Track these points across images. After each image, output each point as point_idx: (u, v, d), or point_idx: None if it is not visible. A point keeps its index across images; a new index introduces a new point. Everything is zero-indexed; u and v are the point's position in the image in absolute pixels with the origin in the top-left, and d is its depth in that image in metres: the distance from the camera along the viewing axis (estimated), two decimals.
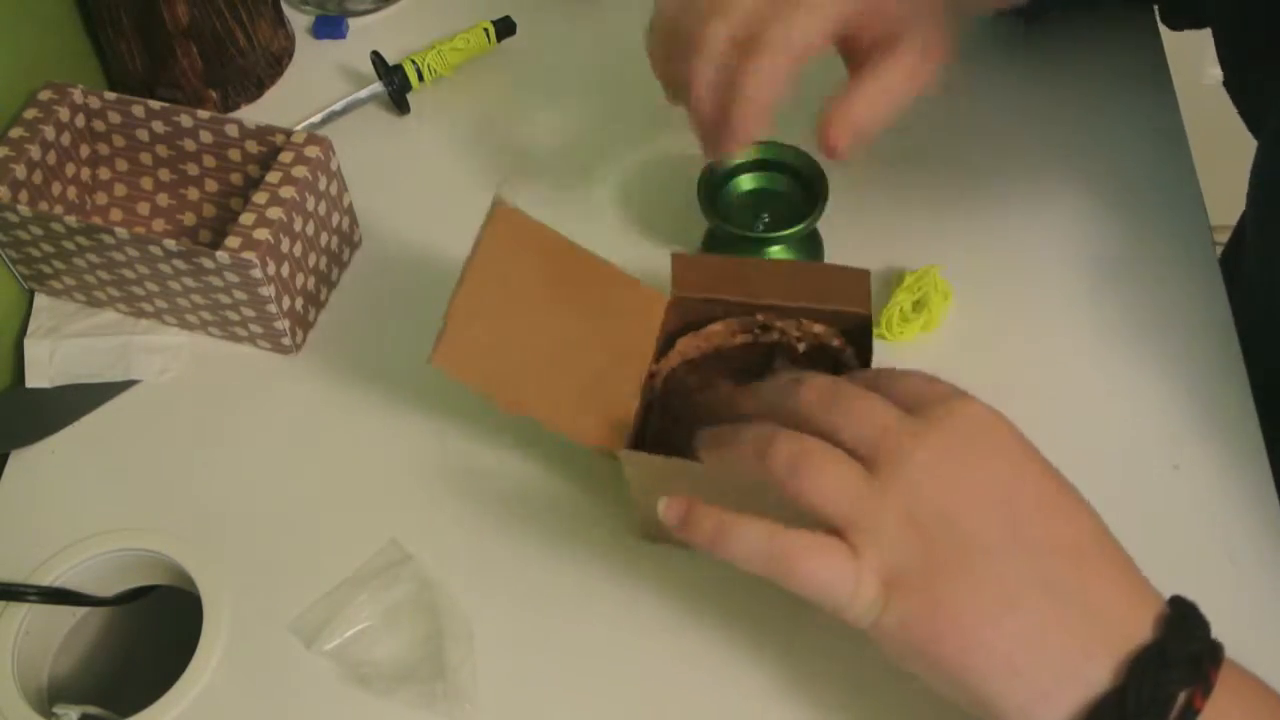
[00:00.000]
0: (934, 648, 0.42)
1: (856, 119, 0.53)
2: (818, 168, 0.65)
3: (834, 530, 0.44)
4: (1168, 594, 0.45)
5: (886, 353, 0.66)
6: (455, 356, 0.57)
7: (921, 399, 0.46)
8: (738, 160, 0.67)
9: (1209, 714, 0.40)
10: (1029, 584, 0.42)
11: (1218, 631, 0.54)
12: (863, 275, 0.58)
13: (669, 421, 0.61)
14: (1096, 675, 0.41)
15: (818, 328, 0.60)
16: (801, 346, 0.60)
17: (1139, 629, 0.41)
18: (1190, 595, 0.56)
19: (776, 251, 0.66)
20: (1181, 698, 0.40)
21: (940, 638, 0.42)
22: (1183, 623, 0.42)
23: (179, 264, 0.64)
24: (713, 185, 0.66)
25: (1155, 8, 0.74)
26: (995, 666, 0.41)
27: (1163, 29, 0.79)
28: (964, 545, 0.42)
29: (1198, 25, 0.71)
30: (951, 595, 0.42)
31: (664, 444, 0.59)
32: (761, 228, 0.66)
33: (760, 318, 0.61)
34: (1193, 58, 1.64)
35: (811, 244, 0.68)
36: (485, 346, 0.58)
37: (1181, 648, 0.41)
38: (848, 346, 0.60)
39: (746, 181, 0.68)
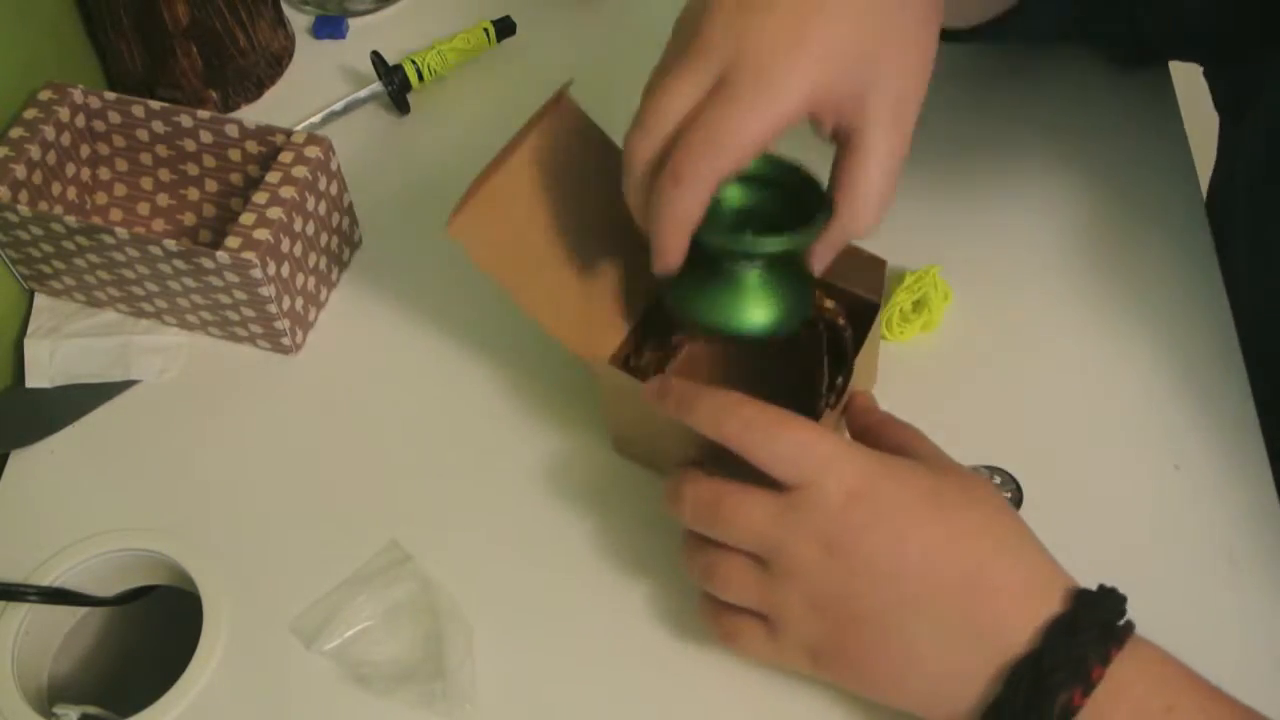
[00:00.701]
0: (865, 694, 0.51)
1: (845, 233, 0.51)
2: (817, 188, 0.52)
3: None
4: (1164, 594, 0.48)
5: (887, 353, 0.66)
6: (473, 231, 0.55)
7: (797, 472, 0.48)
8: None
9: (1089, 709, 0.44)
10: (923, 635, 0.47)
11: (1219, 630, 0.54)
12: (880, 263, 0.58)
13: (661, 355, 0.61)
14: (989, 688, 0.46)
15: (828, 302, 0.59)
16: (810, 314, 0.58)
17: (1024, 637, 0.46)
18: (1190, 595, 0.56)
19: (752, 282, 0.53)
20: (1061, 698, 0.44)
21: (867, 690, 0.50)
22: (1070, 623, 0.46)
23: (179, 264, 0.64)
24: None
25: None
26: (913, 703, 0.49)
27: None
28: (860, 619, 0.48)
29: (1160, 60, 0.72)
30: (862, 663, 0.49)
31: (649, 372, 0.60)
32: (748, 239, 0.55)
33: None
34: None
35: (793, 278, 0.54)
36: (505, 231, 0.56)
37: (1062, 650, 0.45)
38: (849, 329, 0.59)
39: (734, 197, 0.54)
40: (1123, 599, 0.48)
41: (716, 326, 0.53)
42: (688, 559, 0.53)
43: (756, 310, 0.53)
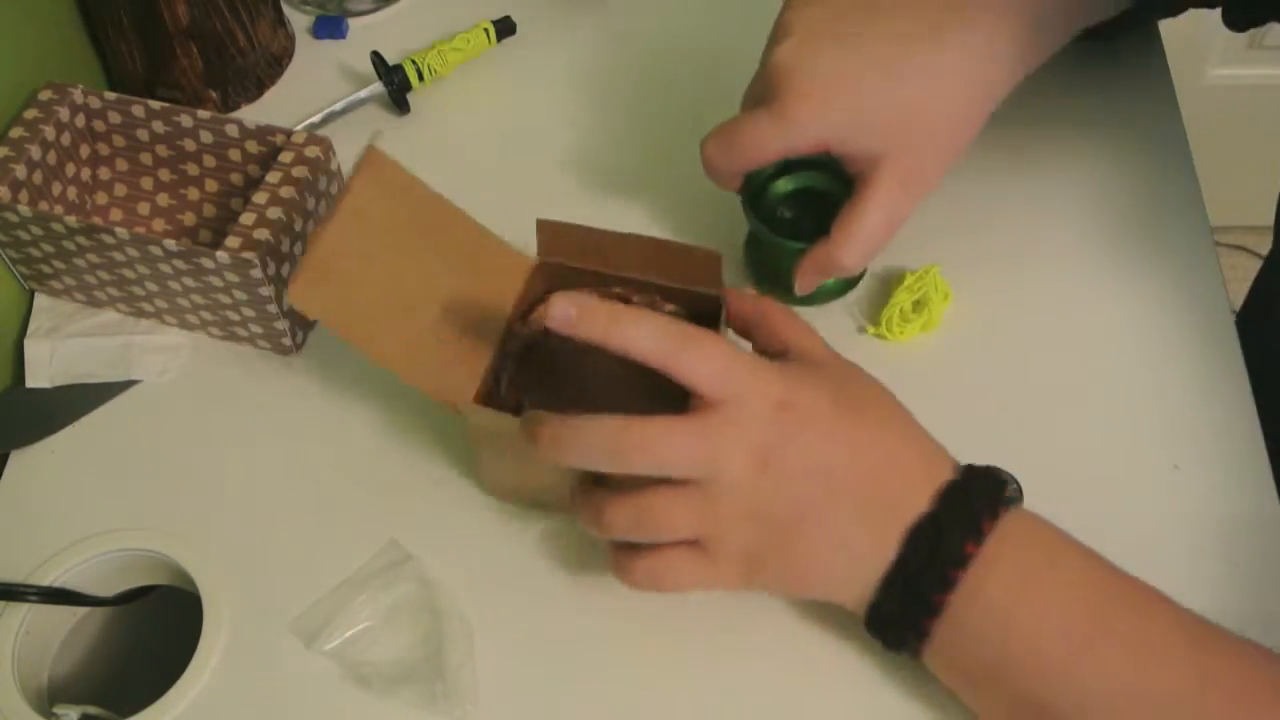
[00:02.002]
0: (794, 592, 0.56)
1: (828, 267, 0.62)
2: None
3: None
4: (1165, 587, 0.50)
5: (887, 353, 0.66)
6: (311, 296, 0.55)
7: (723, 388, 0.51)
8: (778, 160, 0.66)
9: (981, 558, 0.49)
10: (848, 520, 0.51)
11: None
12: (715, 257, 0.58)
13: (524, 382, 0.61)
14: (898, 550, 0.51)
15: (670, 306, 0.61)
16: None
17: (925, 502, 0.51)
18: (1191, 595, 0.56)
19: None
20: (955, 547, 0.50)
21: (796, 584, 0.54)
22: (963, 487, 0.51)
23: (179, 264, 0.64)
24: (755, 185, 0.65)
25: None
26: (836, 585, 0.53)
27: (1163, 28, 0.79)
28: (796, 518, 0.51)
29: (1260, 23, 0.70)
30: (796, 559, 0.52)
31: (512, 405, 0.60)
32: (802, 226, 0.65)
33: (618, 290, 0.61)
34: (1193, 58, 1.65)
35: None
36: (342, 290, 0.56)
37: (959, 507, 0.51)
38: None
39: (789, 181, 0.67)
40: (1009, 477, 0.53)
41: (787, 287, 0.64)
42: (606, 515, 0.52)
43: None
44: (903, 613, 0.51)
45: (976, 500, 0.51)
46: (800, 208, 0.67)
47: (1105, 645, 0.48)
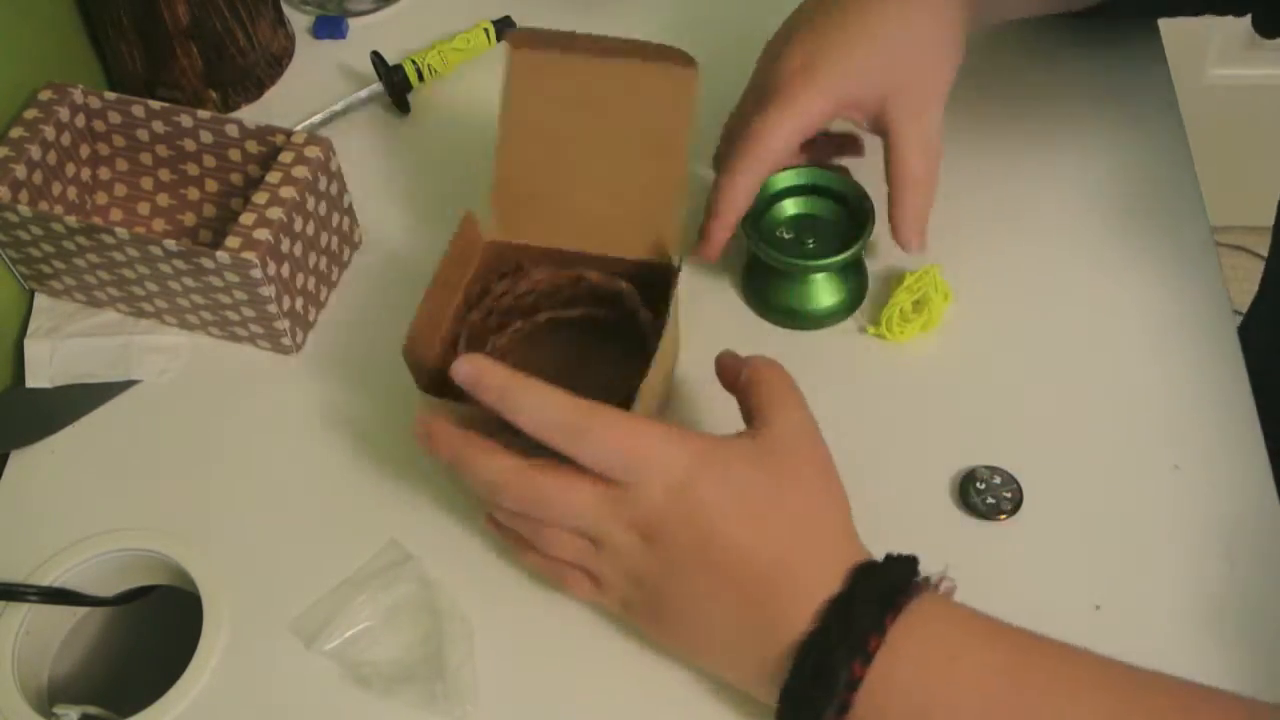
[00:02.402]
0: (676, 656, 0.56)
1: (916, 218, 0.64)
2: (862, 193, 0.66)
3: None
4: (1164, 594, 0.49)
5: (888, 353, 0.66)
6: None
7: (623, 473, 0.51)
8: (782, 184, 0.67)
9: (873, 675, 0.47)
10: (723, 620, 0.51)
11: (1219, 630, 0.54)
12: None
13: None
14: (780, 669, 0.49)
15: (625, 285, 0.62)
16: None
17: (806, 621, 0.49)
18: (1191, 595, 0.56)
19: (820, 279, 0.66)
20: (842, 673, 0.47)
21: (677, 653, 0.56)
22: (847, 601, 0.49)
23: (179, 264, 0.64)
24: (755, 210, 0.65)
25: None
26: (718, 672, 0.54)
27: (1163, 28, 0.79)
28: (671, 597, 0.52)
29: None
30: (673, 633, 0.54)
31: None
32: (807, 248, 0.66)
33: (577, 271, 0.63)
34: (1193, 58, 1.65)
35: (856, 271, 0.68)
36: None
37: (839, 628, 0.48)
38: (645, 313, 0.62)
39: (790, 206, 0.67)
40: (908, 562, 0.50)
41: (788, 312, 0.67)
42: (512, 521, 0.55)
43: (822, 299, 0.67)
44: None
45: (864, 614, 0.48)
46: (799, 233, 0.67)
47: None
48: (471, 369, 0.52)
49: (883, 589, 0.49)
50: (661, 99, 0.59)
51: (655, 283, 0.61)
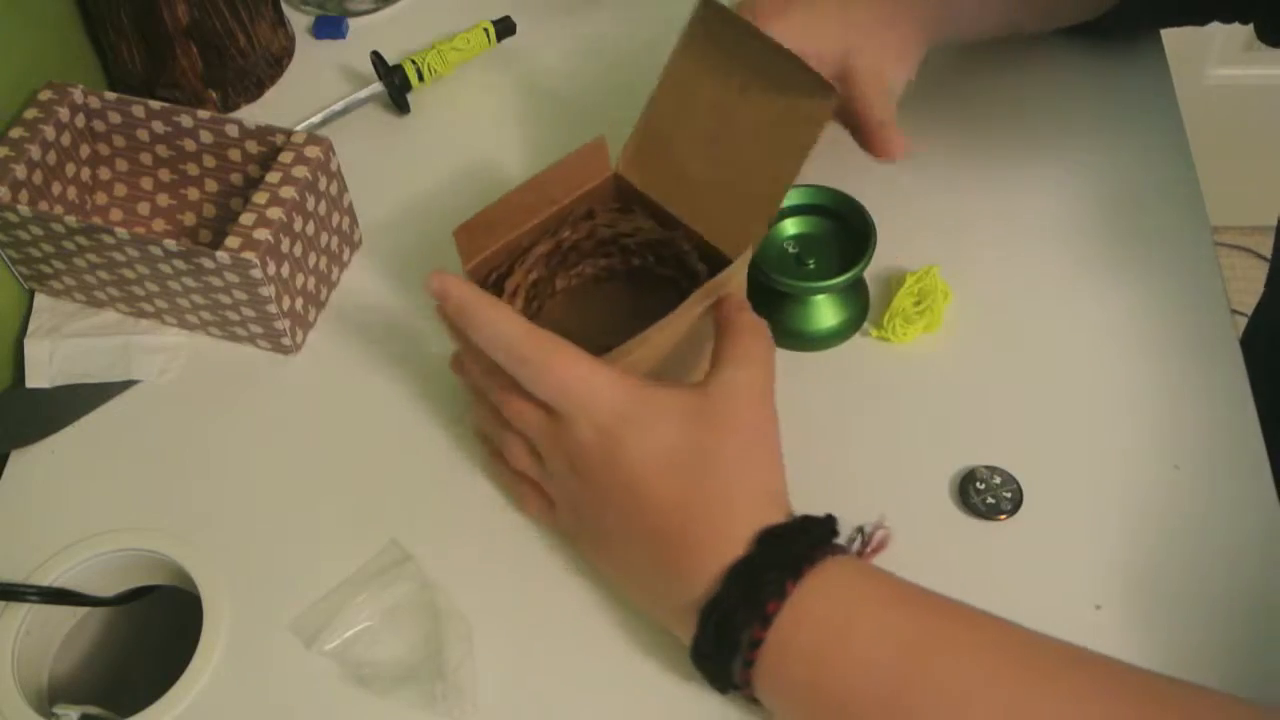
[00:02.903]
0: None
1: (892, 135, 0.63)
2: (863, 212, 0.65)
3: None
4: (1164, 594, 0.49)
5: (890, 354, 0.66)
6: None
7: (559, 406, 0.54)
8: (782, 205, 0.66)
9: (773, 638, 0.48)
10: (638, 561, 0.54)
11: (1219, 629, 0.54)
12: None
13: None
14: (687, 627, 0.51)
15: (700, 265, 0.62)
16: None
17: (708, 585, 0.50)
18: (1190, 596, 0.56)
19: (821, 300, 0.66)
20: (744, 635, 0.49)
21: (609, 580, 0.58)
22: (747, 567, 0.50)
23: (179, 264, 0.64)
24: None
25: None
26: (642, 608, 0.56)
27: (1163, 29, 0.79)
28: (597, 527, 0.55)
29: None
30: (604, 560, 0.57)
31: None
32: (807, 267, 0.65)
33: (669, 234, 0.63)
34: (1193, 58, 1.65)
35: (857, 290, 0.68)
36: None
37: (738, 592, 0.49)
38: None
39: (790, 226, 0.67)
40: (822, 524, 0.52)
41: (790, 334, 0.65)
42: (484, 420, 0.60)
43: (824, 319, 0.66)
44: (715, 679, 0.51)
45: (765, 580, 0.49)
46: (800, 253, 0.66)
47: (914, 703, 0.47)
48: (439, 283, 0.55)
49: (788, 553, 0.50)
50: (800, 114, 0.58)
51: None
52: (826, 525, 0.52)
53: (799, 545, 0.50)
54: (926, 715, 0.46)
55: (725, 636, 0.49)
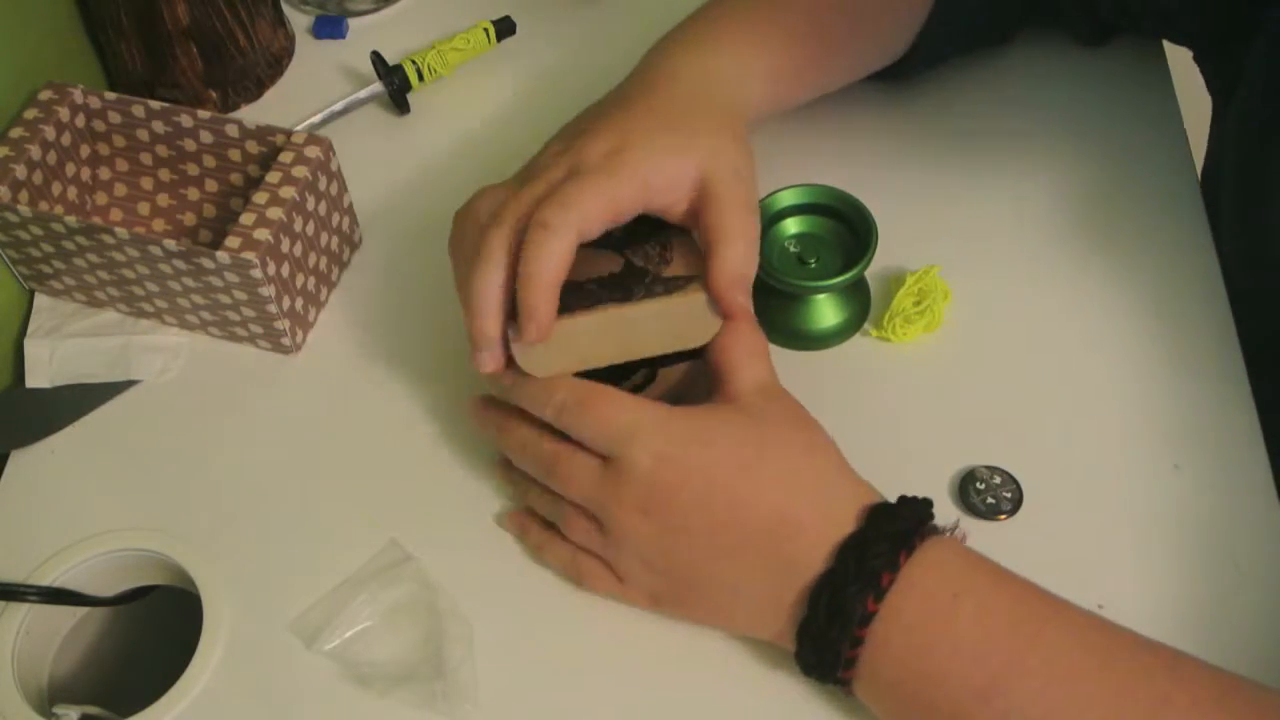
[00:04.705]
0: (705, 625, 0.57)
1: (740, 274, 0.56)
2: (864, 211, 0.65)
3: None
4: (1164, 594, 0.49)
5: (890, 354, 0.66)
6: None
7: (608, 446, 0.53)
8: (783, 204, 0.66)
9: (885, 610, 0.49)
10: (740, 576, 0.53)
11: (1220, 629, 0.54)
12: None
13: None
14: (799, 610, 0.52)
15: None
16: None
17: (821, 562, 0.51)
18: (1191, 596, 0.56)
19: (822, 300, 0.66)
20: (857, 607, 0.49)
21: (705, 623, 0.57)
22: (859, 541, 0.51)
23: (179, 264, 0.64)
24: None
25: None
26: (745, 628, 0.56)
27: None
28: (686, 569, 0.54)
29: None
30: (696, 605, 0.56)
31: None
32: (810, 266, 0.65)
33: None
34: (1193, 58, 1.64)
35: (858, 290, 0.68)
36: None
37: (854, 565, 0.50)
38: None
39: (791, 225, 0.67)
40: (923, 505, 0.52)
41: (791, 334, 0.66)
42: (539, 504, 0.58)
43: (826, 319, 0.66)
44: (819, 663, 0.52)
45: (878, 553, 0.50)
46: (801, 252, 0.66)
47: (1017, 682, 0.48)
48: (490, 373, 0.56)
49: (897, 528, 0.51)
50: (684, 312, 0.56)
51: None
52: (926, 505, 0.53)
53: (908, 521, 0.51)
54: (1034, 692, 0.47)
55: (837, 612, 0.50)
